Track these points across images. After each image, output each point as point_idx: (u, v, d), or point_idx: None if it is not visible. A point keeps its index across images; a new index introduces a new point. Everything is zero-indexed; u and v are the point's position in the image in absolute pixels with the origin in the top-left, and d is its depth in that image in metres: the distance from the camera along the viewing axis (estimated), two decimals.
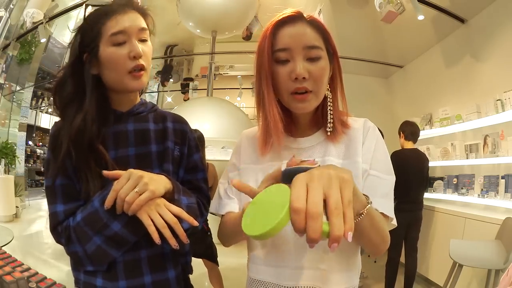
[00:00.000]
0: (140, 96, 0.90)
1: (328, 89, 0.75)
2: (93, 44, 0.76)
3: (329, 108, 0.75)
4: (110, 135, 0.80)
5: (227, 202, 0.80)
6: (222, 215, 0.80)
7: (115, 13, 0.76)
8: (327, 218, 0.41)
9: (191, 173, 0.88)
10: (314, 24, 0.72)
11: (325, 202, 0.42)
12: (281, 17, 0.72)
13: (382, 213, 0.67)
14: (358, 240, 0.64)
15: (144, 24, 0.80)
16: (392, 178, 0.74)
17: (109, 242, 0.71)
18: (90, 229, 0.71)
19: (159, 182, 0.72)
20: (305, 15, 0.72)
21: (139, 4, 0.83)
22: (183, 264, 0.86)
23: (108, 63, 0.76)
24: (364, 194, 0.58)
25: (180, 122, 0.90)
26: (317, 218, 0.39)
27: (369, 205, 0.57)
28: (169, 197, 0.74)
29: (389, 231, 0.68)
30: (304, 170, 0.48)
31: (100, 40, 0.76)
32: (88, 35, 0.77)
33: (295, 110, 0.73)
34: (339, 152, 0.75)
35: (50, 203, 0.77)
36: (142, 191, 0.67)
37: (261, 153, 0.77)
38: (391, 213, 0.69)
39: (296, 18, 0.71)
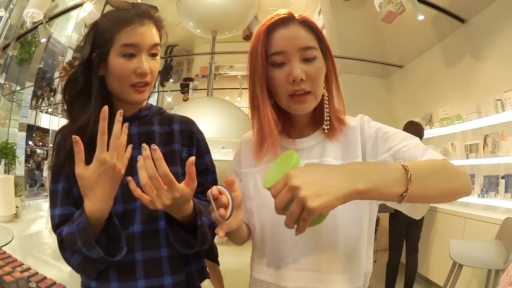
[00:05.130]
0: (147, 100, 0.88)
1: (324, 88, 0.75)
2: (104, 48, 0.76)
3: (325, 106, 0.75)
4: None
5: None
6: None
7: (131, 23, 0.74)
8: None
9: (201, 176, 0.84)
10: (306, 24, 0.72)
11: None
12: (272, 20, 0.71)
13: None
14: (434, 200, 0.61)
15: (157, 39, 0.79)
16: (418, 140, 0.70)
17: (90, 261, 0.70)
18: (71, 246, 0.70)
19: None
20: (296, 16, 0.72)
21: (156, 15, 0.81)
22: (200, 269, 0.85)
23: (114, 73, 0.76)
24: (400, 162, 0.57)
25: (187, 123, 0.89)
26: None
27: (409, 181, 0.55)
28: (192, 222, 0.73)
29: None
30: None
31: (111, 46, 0.75)
32: (101, 38, 0.76)
33: (295, 112, 0.73)
34: (337, 152, 0.74)
35: (51, 206, 0.77)
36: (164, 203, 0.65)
37: (256, 158, 0.76)
38: (440, 157, 0.65)
39: (288, 19, 0.71)
